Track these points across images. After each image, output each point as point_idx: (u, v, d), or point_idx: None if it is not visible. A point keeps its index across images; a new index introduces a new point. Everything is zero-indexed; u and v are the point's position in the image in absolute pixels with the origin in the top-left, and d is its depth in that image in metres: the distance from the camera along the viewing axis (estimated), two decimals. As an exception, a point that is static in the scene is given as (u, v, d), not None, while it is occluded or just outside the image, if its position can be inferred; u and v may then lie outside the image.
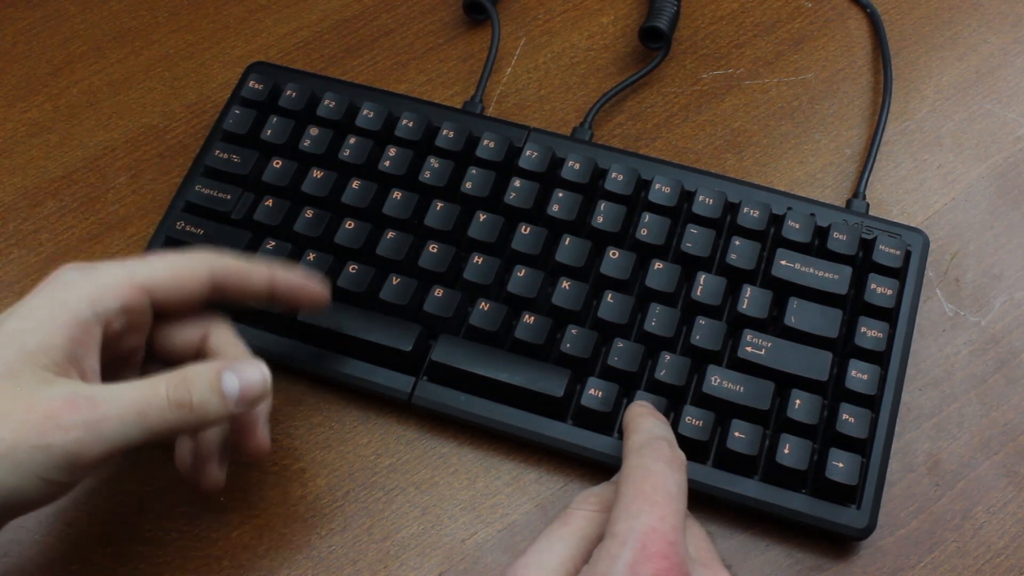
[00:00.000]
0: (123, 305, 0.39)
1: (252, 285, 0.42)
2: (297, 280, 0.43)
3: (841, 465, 0.43)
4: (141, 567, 0.45)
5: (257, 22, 0.61)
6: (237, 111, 0.53)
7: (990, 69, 0.58)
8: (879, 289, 0.47)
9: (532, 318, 0.47)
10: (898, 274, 0.48)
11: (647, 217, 0.49)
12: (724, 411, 0.45)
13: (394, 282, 0.48)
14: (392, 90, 0.56)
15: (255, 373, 0.39)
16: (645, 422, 0.40)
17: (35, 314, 0.37)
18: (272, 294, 0.43)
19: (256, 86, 0.54)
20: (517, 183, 0.50)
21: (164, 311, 0.41)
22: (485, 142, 0.51)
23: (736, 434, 0.44)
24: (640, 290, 0.48)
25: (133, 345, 0.41)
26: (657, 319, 0.47)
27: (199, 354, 0.42)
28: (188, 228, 0.50)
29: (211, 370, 0.38)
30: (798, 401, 0.45)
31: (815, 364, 0.46)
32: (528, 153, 0.51)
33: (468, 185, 0.50)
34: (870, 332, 0.46)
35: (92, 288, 0.38)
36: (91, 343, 0.38)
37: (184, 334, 0.42)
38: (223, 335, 0.42)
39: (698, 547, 0.36)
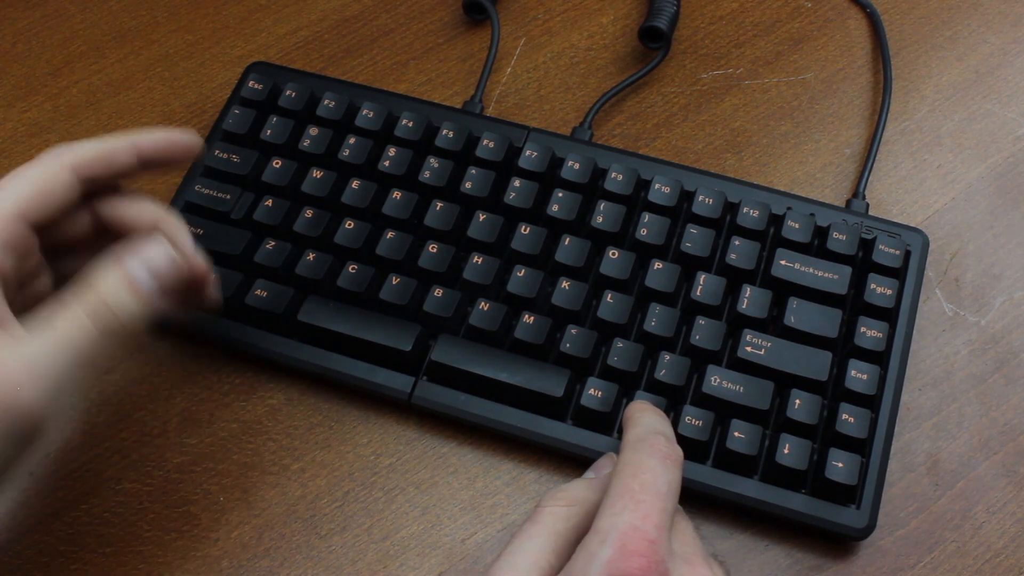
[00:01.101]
0: (14, 244, 0.38)
1: (118, 160, 0.41)
2: (161, 135, 0.43)
3: (841, 465, 0.43)
4: (141, 567, 0.45)
5: (257, 22, 0.61)
6: (237, 111, 0.53)
7: (990, 69, 0.58)
8: (879, 289, 0.47)
9: (532, 318, 0.47)
10: (898, 274, 0.48)
11: (647, 217, 0.49)
12: (724, 411, 0.45)
13: (394, 282, 0.48)
14: (392, 90, 0.56)
15: (157, 252, 0.39)
16: (644, 417, 0.40)
17: None
18: (142, 159, 0.42)
19: (256, 86, 0.54)
20: (517, 183, 0.50)
21: (45, 225, 0.40)
22: (485, 142, 0.51)
23: (736, 434, 0.44)
24: (640, 290, 0.48)
25: (31, 268, 0.41)
26: (657, 319, 0.47)
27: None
28: (188, 228, 0.50)
29: (119, 273, 0.38)
30: (798, 401, 0.45)
31: (815, 364, 0.46)
32: (528, 153, 0.51)
33: (468, 185, 0.50)
34: (870, 332, 0.46)
35: None
36: None
37: (73, 223, 0.42)
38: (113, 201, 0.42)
39: (683, 543, 0.36)
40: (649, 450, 0.36)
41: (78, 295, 0.37)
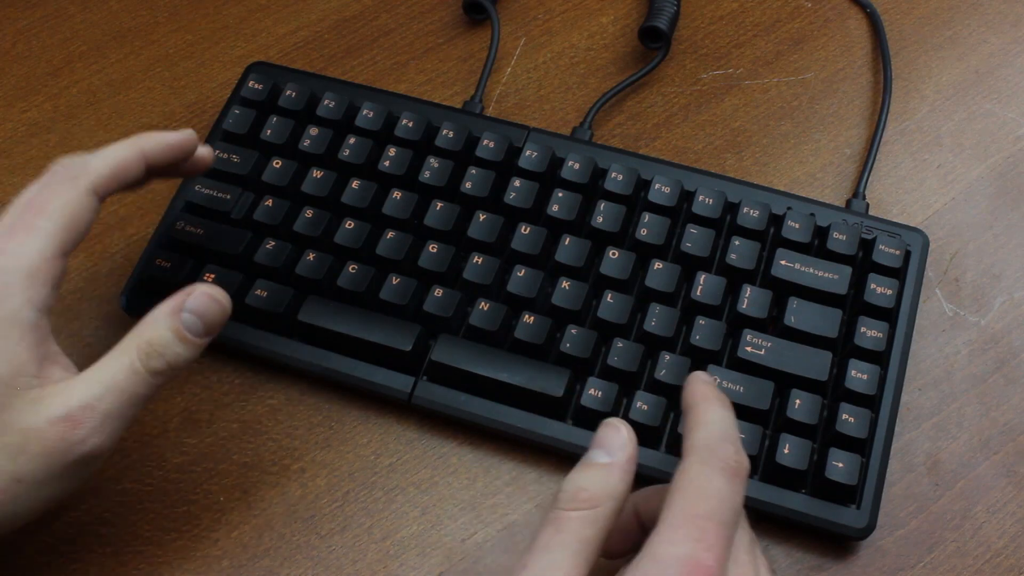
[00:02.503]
0: (55, 280, 0.39)
1: (131, 174, 0.42)
2: (161, 137, 0.43)
3: (841, 465, 0.43)
4: (141, 567, 0.45)
5: (257, 22, 0.61)
6: (237, 111, 0.53)
7: (990, 69, 0.58)
8: (879, 289, 0.47)
9: (532, 318, 0.47)
10: (898, 274, 0.48)
11: (647, 217, 0.49)
12: (724, 411, 0.45)
13: (394, 282, 0.48)
14: (392, 90, 0.56)
15: (210, 304, 0.40)
16: (711, 412, 0.35)
17: None
18: (149, 167, 0.43)
19: (256, 86, 0.54)
20: (517, 183, 0.50)
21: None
22: (485, 142, 0.51)
23: (736, 434, 0.44)
24: (640, 290, 0.48)
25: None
26: (657, 319, 0.47)
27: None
28: (188, 228, 0.50)
29: (170, 321, 0.39)
30: (798, 401, 0.45)
31: (815, 364, 0.46)
32: (528, 153, 0.51)
33: (468, 185, 0.50)
34: (870, 332, 0.46)
35: (22, 285, 0.38)
36: (47, 333, 0.39)
37: None
38: None
39: (739, 563, 0.34)
40: (719, 465, 0.33)
41: (132, 340, 0.39)
